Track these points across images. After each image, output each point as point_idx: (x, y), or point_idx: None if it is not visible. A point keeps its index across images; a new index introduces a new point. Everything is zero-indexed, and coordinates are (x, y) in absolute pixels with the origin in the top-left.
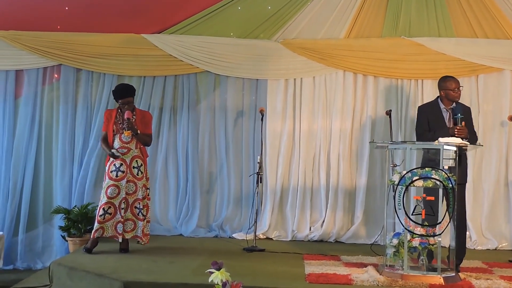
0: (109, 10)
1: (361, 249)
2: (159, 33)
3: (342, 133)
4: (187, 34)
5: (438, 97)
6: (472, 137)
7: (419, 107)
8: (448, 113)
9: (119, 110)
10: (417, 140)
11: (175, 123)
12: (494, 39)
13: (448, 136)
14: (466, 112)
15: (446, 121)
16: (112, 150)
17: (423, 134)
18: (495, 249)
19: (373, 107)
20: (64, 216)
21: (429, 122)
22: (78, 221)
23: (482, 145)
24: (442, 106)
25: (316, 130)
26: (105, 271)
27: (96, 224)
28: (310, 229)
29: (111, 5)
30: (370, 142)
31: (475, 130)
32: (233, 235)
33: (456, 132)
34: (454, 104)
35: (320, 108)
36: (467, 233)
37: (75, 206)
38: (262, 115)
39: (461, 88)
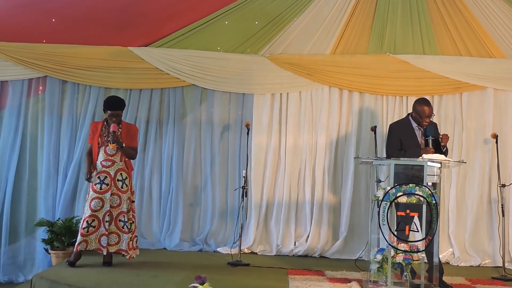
0: (96, 23)
1: (345, 264)
2: (146, 46)
3: (327, 148)
4: (174, 48)
5: (409, 114)
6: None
7: (390, 125)
8: (420, 131)
9: (105, 123)
10: (389, 157)
11: (161, 136)
12: (477, 58)
13: (419, 156)
14: (436, 129)
15: (419, 139)
16: (92, 175)
17: (394, 153)
18: (478, 265)
19: (358, 123)
20: (47, 228)
21: (402, 141)
22: (62, 234)
23: (465, 162)
24: (414, 124)
25: (301, 145)
26: (87, 285)
27: (79, 237)
28: (295, 244)
29: (98, 18)
30: (355, 157)
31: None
32: (218, 249)
33: (427, 153)
34: (415, 124)
35: (306, 123)
36: (450, 249)
37: (59, 218)
38: (248, 129)
39: (432, 116)
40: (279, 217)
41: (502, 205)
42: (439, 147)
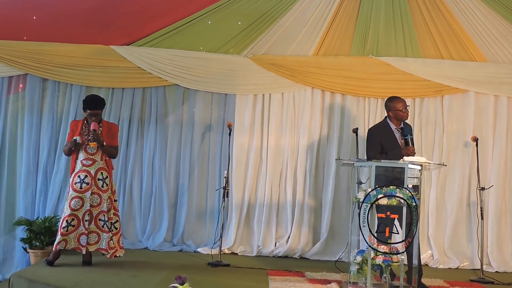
0: (78, 21)
1: (325, 265)
2: (128, 45)
3: (309, 149)
4: (157, 47)
5: (386, 117)
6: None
7: (369, 129)
8: (399, 133)
9: (85, 121)
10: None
11: (142, 136)
12: (459, 61)
13: (401, 157)
14: (411, 130)
15: (399, 140)
16: (75, 139)
17: (376, 157)
18: (457, 268)
19: (340, 125)
20: (26, 227)
21: (382, 144)
22: (41, 233)
23: (446, 165)
24: (393, 126)
25: (283, 146)
26: (66, 284)
27: (59, 236)
28: (275, 245)
29: (79, 16)
30: (336, 159)
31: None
32: (198, 250)
33: (410, 153)
34: (402, 124)
35: (288, 124)
36: (429, 251)
37: (38, 217)
38: (230, 130)
39: (408, 107)
40: (260, 218)
41: (481, 208)
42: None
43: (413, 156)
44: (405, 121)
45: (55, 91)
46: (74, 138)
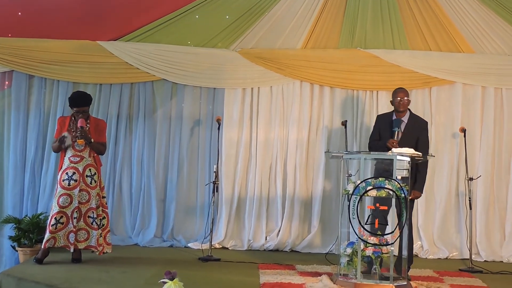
0: (64, 16)
1: (316, 258)
2: (115, 40)
3: (298, 142)
4: (144, 42)
5: None
6: (422, 151)
7: (377, 116)
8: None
9: (73, 118)
10: (368, 147)
11: (131, 132)
12: (447, 52)
13: (385, 147)
14: (418, 126)
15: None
16: (64, 135)
17: (372, 143)
18: (446, 258)
19: (329, 118)
20: (15, 225)
21: (380, 132)
22: (30, 231)
23: (434, 156)
24: (394, 117)
25: (272, 139)
26: (55, 282)
27: (47, 234)
28: (266, 239)
29: (66, 11)
30: (325, 152)
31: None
32: (189, 245)
33: (390, 145)
34: (394, 117)
35: (277, 118)
36: (419, 242)
37: (26, 215)
38: (219, 124)
39: (405, 99)
40: (250, 212)
41: (469, 198)
42: (418, 144)
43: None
44: (418, 115)
45: (41, 87)
46: (63, 134)
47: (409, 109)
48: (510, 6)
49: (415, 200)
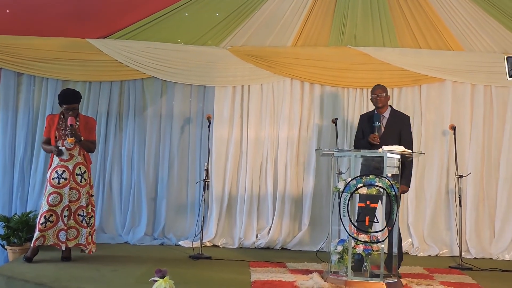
0: (53, 14)
1: (307, 256)
2: (104, 37)
3: (289, 140)
4: (134, 39)
5: None
6: (406, 145)
7: (360, 115)
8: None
9: (62, 116)
10: (354, 147)
11: (121, 129)
12: (436, 50)
13: (368, 144)
14: (400, 121)
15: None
16: (58, 146)
17: (357, 142)
18: (436, 255)
19: (320, 115)
20: (4, 224)
21: (363, 130)
22: (19, 229)
23: (424, 153)
24: (376, 114)
25: (263, 137)
26: (45, 280)
27: (37, 232)
28: (257, 237)
29: (54, 8)
30: (316, 149)
31: (413, 138)
32: (179, 243)
33: (371, 140)
34: (374, 112)
35: (268, 116)
36: (409, 239)
37: (16, 213)
38: (209, 122)
39: (382, 95)
40: (241, 209)
41: (459, 195)
42: (401, 139)
43: (377, 143)
44: (400, 111)
45: (30, 85)
46: (60, 148)
47: (390, 106)
48: (499, 4)
49: (404, 196)
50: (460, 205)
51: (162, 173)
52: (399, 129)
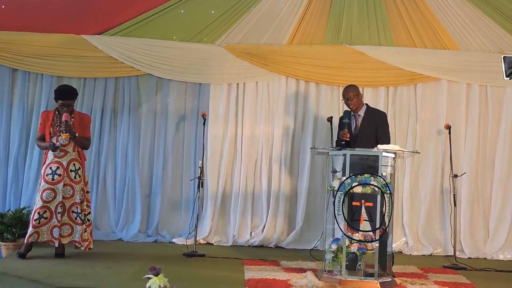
0: (48, 10)
1: (301, 254)
2: (99, 34)
3: (284, 138)
4: (129, 36)
5: None
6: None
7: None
8: (355, 118)
9: (57, 112)
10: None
11: (115, 126)
12: (432, 49)
13: (342, 141)
14: (375, 118)
15: (353, 127)
16: (52, 141)
17: (337, 141)
18: (430, 255)
19: (315, 114)
20: None
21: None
22: (12, 225)
23: (419, 152)
24: (352, 112)
25: (258, 135)
26: (38, 277)
27: (30, 228)
28: (251, 234)
29: (50, 5)
30: (311, 148)
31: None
32: (173, 240)
33: (341, 136)
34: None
35: (263, 113)
36: (404, 239)
37: (9, 209)
38: (204, 120)
39: (351, 97)
40: (235, 207)
41: (454, 195)
42: (378, 134)
43: (346, 139)
44: (376, 108)
45: (25, 81)
46: (55, 144)
47: (366, 104)
48: (495, 4)
49: (399, 195)
50: (455, 205)
51: (157, 170)
52: (375, 126)
